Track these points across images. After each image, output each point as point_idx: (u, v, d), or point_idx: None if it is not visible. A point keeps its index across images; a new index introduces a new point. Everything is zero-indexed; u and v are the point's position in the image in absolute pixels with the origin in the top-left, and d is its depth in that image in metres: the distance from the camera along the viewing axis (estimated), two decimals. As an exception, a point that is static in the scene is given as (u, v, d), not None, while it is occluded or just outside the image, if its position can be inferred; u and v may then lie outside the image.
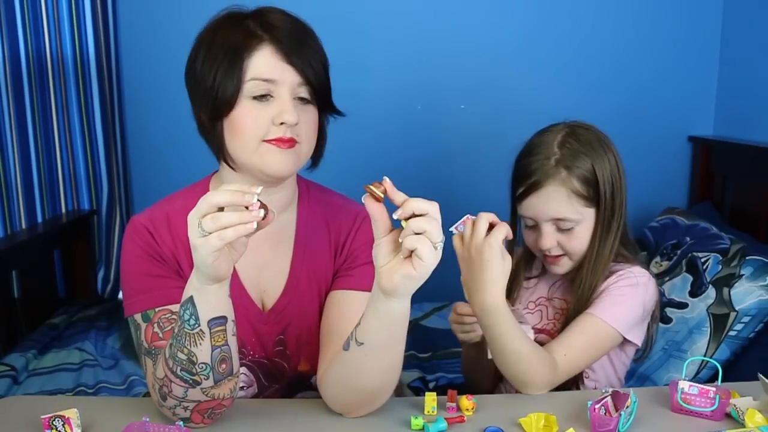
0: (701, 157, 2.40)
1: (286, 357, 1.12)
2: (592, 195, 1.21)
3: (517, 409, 1.01)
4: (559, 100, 2.11)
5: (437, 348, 1.97)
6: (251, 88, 0.99)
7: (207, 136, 1.06)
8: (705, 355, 1.61)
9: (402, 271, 0.82)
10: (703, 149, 2.39)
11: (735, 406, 1.00)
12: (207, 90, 1.00)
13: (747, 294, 1.62)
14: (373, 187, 0.83)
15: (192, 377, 0.90)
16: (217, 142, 1.03)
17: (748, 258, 1.68)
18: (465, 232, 1.09)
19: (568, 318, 1.22)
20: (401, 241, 0.82)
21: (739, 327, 1.61)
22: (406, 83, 2.38)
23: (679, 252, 1.88)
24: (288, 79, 1.00)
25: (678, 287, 1.77)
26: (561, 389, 1.16)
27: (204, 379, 0.91)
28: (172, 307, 1.01)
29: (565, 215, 1.20)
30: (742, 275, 1.65)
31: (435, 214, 0.81)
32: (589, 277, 1.22)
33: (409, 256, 0.82)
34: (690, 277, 1.76)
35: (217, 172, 1.12)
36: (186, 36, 1.07)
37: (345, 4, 2.34)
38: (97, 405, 1.10)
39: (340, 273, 1.11)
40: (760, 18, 2.18)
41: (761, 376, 1.01)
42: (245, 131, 1.00)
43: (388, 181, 0.83)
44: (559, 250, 1.24)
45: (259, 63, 0.99)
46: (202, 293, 0.87)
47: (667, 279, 1.82)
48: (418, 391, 1.74)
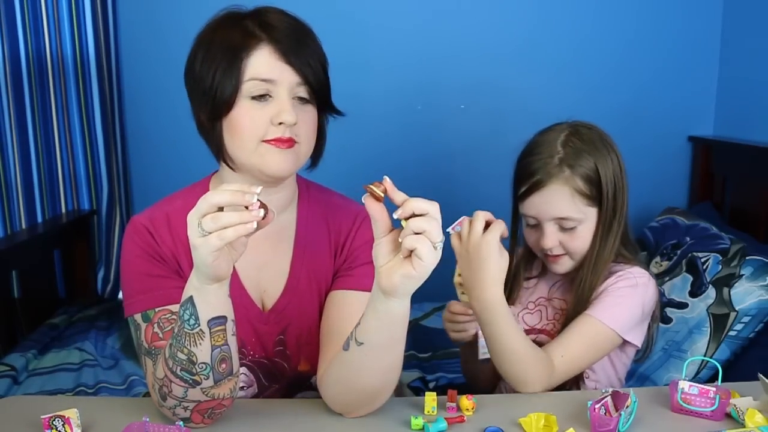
0: (701, 157, 2.39)
1: (286, 357, 1.12)
2: (595, 194, 1.20)
3: (517, 409, 1.01)
4: (559, 100, 2.11)
5: (437, 348, 1.97)
6: (250, 88, 0.99)
7: (206, 136, 1.06)
8: (705, 355, 1.61)
9: (402, 271, 0.82)
10: (703, 149, 2.39)
11: (735, 406, 1.00)
12: (206, 90, 1.00)
13: (747, 294, 1.62)
14: (374, 186, 0.83)
15: (192, 377, 0.90)
16: (217, 142, 1.03)
17: (748, 258, 1.68)
18: (462, 231, 1.10)
19: (568, 318, 1.22)
20: (401, 241, 0.82)
21: (739, 327, 1.61)
22: (406, 83, 2.38)
23: (679, 252, 1.88)
24: (286, 78, 1.00)
25: (678, 287, 1.77)
26: (561, 389, 1.16)
27: (204, 379, 0.91)
28: (172, 307, 1.01)
29: (567, 214, 1.20)
30: (742, 275, 1.65)
31: (435, 214, 0.81)
32: (589, 277, 1.22)
33: (408, 255, 0.82)
34: (690, 277, 1.76)
35: (217, 172, 1.12)
36: (186, 36, 1.07)
37: (345, 4, 2.34)
38: (97, 405, 1.10)
39: (340, 273, 1.11)
40: (760, 18, 2.18)
41: (761, 376, 1.01)
42: (244, 131, 1.00)
43: (388, 181, 0.83)
44: (561, 249, 1.23)
45: (257, 63, 0.99)
46: (202, 293, 0.87)
47: (667, 279, 1.82)
48: (418, 391, 1.74)
